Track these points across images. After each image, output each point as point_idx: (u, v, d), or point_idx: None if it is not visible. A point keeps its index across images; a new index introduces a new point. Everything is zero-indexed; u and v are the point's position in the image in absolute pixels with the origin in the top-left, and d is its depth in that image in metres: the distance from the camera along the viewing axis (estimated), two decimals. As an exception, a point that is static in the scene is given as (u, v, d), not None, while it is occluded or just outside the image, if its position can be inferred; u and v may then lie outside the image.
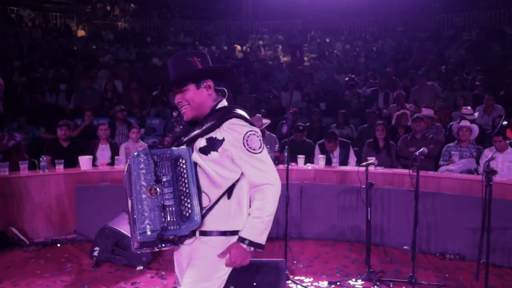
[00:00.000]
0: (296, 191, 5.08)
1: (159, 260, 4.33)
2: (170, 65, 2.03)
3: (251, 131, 1.87)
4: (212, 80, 1.99)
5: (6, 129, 6.45)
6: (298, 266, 4.16)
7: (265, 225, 1.85)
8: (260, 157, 1.87)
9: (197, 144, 1.90)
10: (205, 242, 1.88)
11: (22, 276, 3.88)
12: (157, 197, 1.82)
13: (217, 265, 1.89)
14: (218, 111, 1.95)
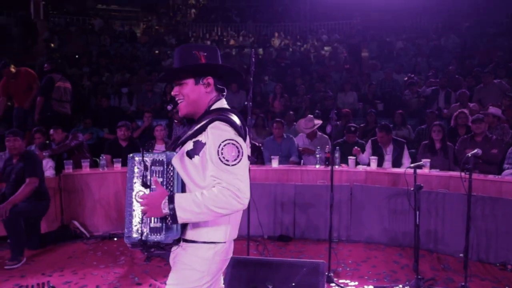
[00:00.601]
0: (346, 193, 5.00)
1: (207, 257, 4.44)
2: (175, 54, 1.93)
3: (229, 140, 1.72)
4: (214, 78, 1.90)
5: (73, 130, 6.91)
6: (344, 269, 4.09)
7: (199, 208, 1.66)
8: (231, 168, 1.69)
9: (186, 147, 1.82)
10: (188, 251, 1.82)
11: (81, 266, 4.16)
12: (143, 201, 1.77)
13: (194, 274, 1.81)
14: (211, 113, 1.84)
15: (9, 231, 4.32)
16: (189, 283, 1.82)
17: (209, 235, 1.82)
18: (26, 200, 4.38)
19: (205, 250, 1.82)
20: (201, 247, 1.82)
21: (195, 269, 1.81)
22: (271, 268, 3.01)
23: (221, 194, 1.66)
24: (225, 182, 1.67)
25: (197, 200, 1.67)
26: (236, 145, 1.73)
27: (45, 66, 7.09)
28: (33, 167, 4.47)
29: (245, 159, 1.75)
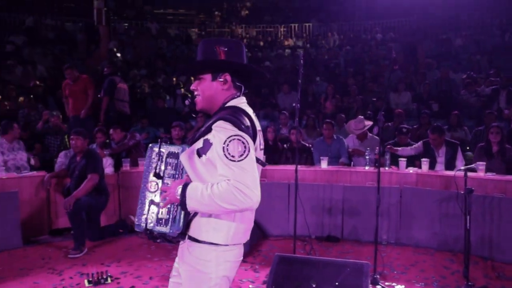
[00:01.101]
0: (395, 195, 4.94)
1: (254, 254, 4.57)
2: (198, 48, 1.90)
3: (234, 135, 1.66)
4: (232, 75, 1.84)
5: (131, 129, 7.29)
6: (391, 272, 4.06)
7: (202, 198, 1.64)
8: (237, 165, 1.64)
9: (197, 145, 1.78)
10: (190, 250, 1.80)
11: (136, 258, 4.42)
12: (153, 192, 1.82)
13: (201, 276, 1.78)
14: (224, 110, 1.80)
15: (73, 223, 4.68)
16: (193, 285, 1.79)
17: (209, 235, 1.77)
18: (87, 194, 4.72)
19: (206, 251, 1.77)
20: (203, 248, 1.78)
21: (200, 271, 1.77)
22: (315, 267, 3.06)
23: (228, 190, 1.61)
24: (232, 179, 1.62)
25: (204, 192, 1.64)
26: (242, 140, 1.66)
27: (105, 69, 7.55)
28: (94, 164, 4.80)
29: (252, 155, 1.68)
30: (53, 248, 4.84)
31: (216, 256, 1.78)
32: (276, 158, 6.25)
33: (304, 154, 6.23)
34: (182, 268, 1.85)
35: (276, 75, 11.96)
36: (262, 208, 5.15)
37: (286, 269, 3.08)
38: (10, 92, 9.07)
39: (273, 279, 3.02)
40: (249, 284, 3.80)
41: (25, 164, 5.79)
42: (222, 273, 1.79)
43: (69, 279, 3.92)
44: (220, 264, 1.78)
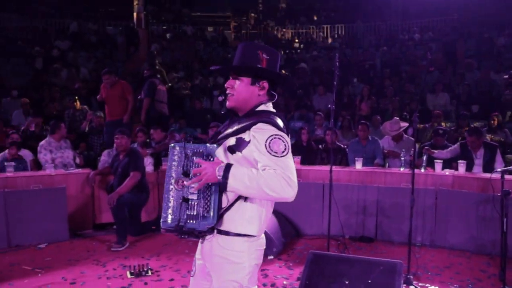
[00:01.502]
0: (430, 197, 4.91)
1: (289, 252, 4.67)
2: (239, 49, 2.01)
3: (275, 135, 1.81)
4: (269, 82, 1.96)
5: (170, 130, 7.55)
6: (425, 273, 4.06)
7: (250, 182, 1.73)
8: (281, 160, 1.77)
9: (228, 142, 1.91)
10: (221, 244, 1.90)
11: (175, 252, 4.61)
12: (182, 190, 1.88)
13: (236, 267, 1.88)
14: (254, 114, 1.92)
15: (115, 218, 4.93)
16: (233, 275, 1.89)
17: (243, 228, 1.88)
18: (129, 191, 4.96)
19: (240, 242, 1.88)
20: (235, 240, 1.88)
21: (233, 262, 1.88)
22: (348, 264, 3.13)
23: (275, 178, 1.73)
24: (279, 169, 1.75)
25: (251, 175, 1.75)
26: (282, 139, 1.81)
27: (145, 72, 7.84)
28: (136, 163, 5.04)
29: (291, 153, 1.82)
30: (97, 242, 5.11)
31: (249, 246, 1.90)
32: (311, 158, 6.32)
33: (339, 155, 6.27)
34: (212, 261, 1.95)
35: (312, 77, 12.00)
36: (296, 208, 5.29)
37: (319, 266, 3.16)
38: (55, 94, 9.56)
39: (307, 275, 3.11)
40: (283, 280, 3.90)
41: (71, 161, 6.11)
42: (254, 262, 1.92)
43: (112, 270, 4.15)
44: (252, 253, 1.91)
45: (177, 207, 1.88)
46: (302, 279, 3.12)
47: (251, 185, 1.74)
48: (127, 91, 6.99)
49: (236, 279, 1.89)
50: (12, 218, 4.86)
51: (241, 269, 1.89)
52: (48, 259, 4.50)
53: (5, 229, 4.82)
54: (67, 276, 4.03)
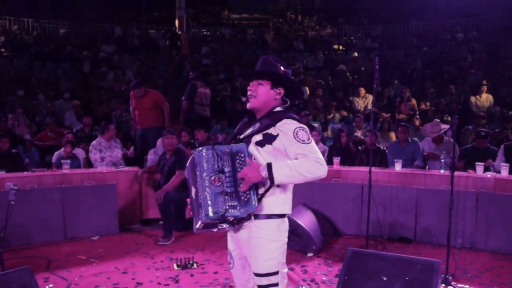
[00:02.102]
0: (471, 200, 4.90)
1: (328, 250, 4.79)
2: (261, 60, 2.37)
3: (299, 127, 2.18)
4: (284, 89, 2.32)
5: (212, 130, 7.81)
6: (464, 275, 4.08)
7: (290, 172, 2.08)
8: (308, 146, 2.15)
9: (254, 138, 2.24)
10: (260, 226, 2.20)
11: (218, 247, 4.83)
12: (220, 185, 2.13)
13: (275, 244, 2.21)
14: (274, 113, 2.28)
15: (162, 214, 5.22)
16: (275, 252, 2.21)
17: (279, 209, 2.22)
18: (175, 189, 5.22)
19: (277, 223, 2.22)
20: (274, 221, 2.21)
21: (275, 240, 2.21)
22: (386, 262, 3.22)
23: (308, 162, 2.10)
24: (311, 154, 2.11)
25: (290, 165, 2.10)
26: (305, 130, 2.19)
27: (190, 74, 8.14)
28: (182, 162, 5.30)
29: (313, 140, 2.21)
30: (145, 236, 5.41)
31: (283, 226, 2.26)
32: (350, 160, 6.40)
33: (378, 156, 6.31)
34: (250, 244, 2.24)
35: (351, 78, 12.00)
36: (335, 207, 5.42)
37: (358, 263, 3.26)
38: (103, 96, 10.06)
39: (345, 271, 3.22)
40: (322, 277, 4.04)
41: (120, 160, 6.47)
42: (285, 240, 2.28)
43: (160, 262, 4.42)
44: (284, 232, 2.28)
45: (217, 200, 2.12)
46: (341, 274, 3.24)
47: (292, 173, 2.09)
48: (159, 101, 7.06)
49: (275, 257, 2.22)
50: (68, 212, 5.23)
51: (278, 247, 2.23)
52: (100, 250, 4.83)
53: (62, 222, 5.20)
54: (119, 266, 4.33)
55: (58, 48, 13.89)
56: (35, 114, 8.94)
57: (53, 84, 10.79)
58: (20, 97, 9.30)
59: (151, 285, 3.87)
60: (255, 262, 2.25)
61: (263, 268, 2.23)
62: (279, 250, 2.25)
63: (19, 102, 8.81)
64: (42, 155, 7.22)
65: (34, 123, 8.53)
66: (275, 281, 2.25)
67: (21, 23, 15.96)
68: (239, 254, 2.39)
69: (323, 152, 6.79)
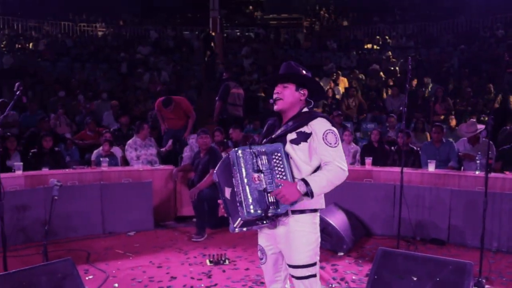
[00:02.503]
0: (508, 202, 4.78)
1: (358, 250, 4.80)
2: (283, 66, 2.52)
3: (330, 129, 2.34)
4: (308, 91, 2.45)
5: (244, 130, 7.92)
6: (499, 278, 4.01)
7: (325, 183, 2.26)
8: (334, 149, 2.31)
9: (288, 137, 2.36)
10: (297, 220, 2.33)
11: (250, 245, 4.90)
12: (259, 184, 2.24)
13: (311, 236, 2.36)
14: (305, 113, 2.43)
15: (196, 211, 5.37)
16: (312, 244, 2.37)
17: (314, 204, 2.37)
18: (209, 187, 5.35)
19: (312, 216, 2.37)
20: (308, 215, 2.35)
21: (311, 232, 2.36)
22: (416, 262, 3.22)
23: (335, 171, 2.29)
24: (334, 161, 2.29)
25: (322, 176, 2.28)
26: (334, 133, 2.35)
27: (224, 74, 8.29)
28: (215, 161, 5.41)
29: (341, 144, 2.36)
30: (178, 232, 5.58)
31: (317, 219, 2.42)
32: (383, 160, 6.36)
33: (411, 157, 6.25)
34: (288, 238, 2.35)
35: (385, 78, 11.86)
36: (367, 208, 5.43)
37: (388, 262, 3.28)
38: (139, 96, 10.36)
39: (375, 271, 3.25)
40: (352, 276, 4.06)
41: (155, 158, 6.67)
42: (319, 233, 2.42)
43: (193, 258, 4.56)
44: (318, 225, 2.43)
45: (257, 198, 2.22)
46: (371, 274, 3.26)
47: (326, 184, 2.29)
48: (187, 110, 7.26)
49: (313, 248, 2.38)
50: (106, 207, 5.45)
51: (315, 239, 2.39)
52: (136, 245, 5.02)
53: (100, 218, 5.43)
54: (154, 260, 4.50)
55: (96, 50, 14.39)
56: (75, 114, 9.31)
57: (92, 85, 11.19)
58: (61, 98, 9.71)
59: (185, 279, 4.00)
60: (295, 254, 2.36)
61: (304, 260, 2.36)
62: (316, 242, 2.40)
63: (60, 103, 9.20)
64: (82, 153, 7.55)
65: (74, 123, 8.89)
66: (314, 271, 2.39)
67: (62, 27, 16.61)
68: (273, 249, 2.49)
69: (356, 152, 6.78)
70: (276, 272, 2.56)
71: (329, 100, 10.11)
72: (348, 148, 6.80)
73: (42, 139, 6.24)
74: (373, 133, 6.59)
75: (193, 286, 3.85)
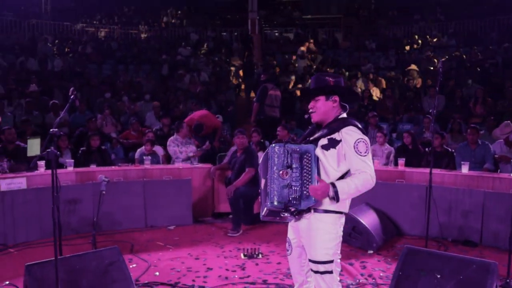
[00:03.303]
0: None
1: (388, 249, 4.92)
2: (311, 80, 2.73)
3: (361, 138, 2.50)
4: (339, 96, 2.62)
5: (280, 130, 8.12)
6: (530, 280, 4.02)
7: (349, 190, 2.43)
8: (364, 158, 2.47)
9: (320, 142, 2.56)
10: (319, 219, 2.53)
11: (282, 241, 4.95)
12: (286, 179, 2.46)
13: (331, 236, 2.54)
14: (339, 120, 2.59)
15: (232, 208, 5.64)
16: (331, 243, 2.54)
17: (339, 206, 2.54)
18: (245, 185, 5.61)
19: (336, 218, 2.56)
20: (331, 216, 2.54)
21: (331, 233, 2.54)
22: (441, 260, 3.33)
23: (363, 179, 2.45)
24: (363, 170, 2.45)
25: (349, 183, 2.45)
26: (365, 142, 2.50)
27: (262, 76, 8.54)
28: (251, 160, 5.69)
29: (370, 153, 2.53)
30: (215, 228, 5.87)
31: (340, 221, 2.60)
32: (417, 161, 6.39)
33: (445, 158, 6.26)
34: (310, 234, 2.56)
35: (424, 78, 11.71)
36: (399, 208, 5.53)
37: (413, 260, 3.40)
38: (180, 97, 10.76)
39: (400, 266, 3.39)
40: (380, 273, 4.20)
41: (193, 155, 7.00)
42: (340, 233, 2.60)
43: (229, 252, 4.84)
44: (341, 226, 2.61)
45: (282, 192, 2.46)
46: (396, 269, 3.40)
47: (353, 192, 2.47)
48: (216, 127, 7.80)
49: (330, 247, 2.54)
50: (149, 203, 5.82)
51: (333, 239, 2.55)
52: (176, 238, 5.35)
53: (143, 212, 5.81)
54: (192, 253, 4.81)
55: (139, 52, 14.97)
56: (120, 115, 9.82)
57: (136, 87, 11.71)
58: (107, 99, 10.26)
59: (220, 270, 4.27)
60: (313, 250, 2.57)
61: (320, 256, 2.54)
62: (334, 242, 2.56)
63: (106, 104, 9.73)
64: (126, 152, 8.00)
65: (119, 123, 9.38)
66: (330, 269, 2.55)
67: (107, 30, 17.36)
68: (297, 242, 2.72)
69: (389, 153, 6.84)
70: (301, 265, 2.78)
71: (365, 101, 10.15)
72: (381, 149, 6.88)
73: (90, 138, 6.71)
74: (404, 136, 6.65)
75: (228, 277, 4.11)
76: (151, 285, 3.91)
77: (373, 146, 7.04)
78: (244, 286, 3.89)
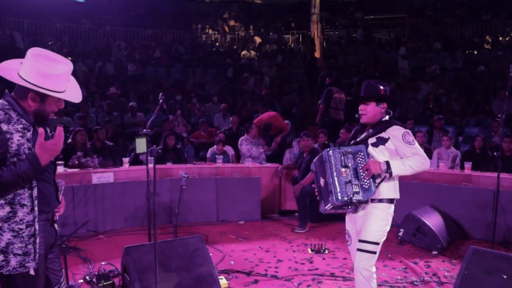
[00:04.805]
0: None
1: (453, 250, 5.01)
2: (363, 86, 3.09)
3: (406, 132, 2.94)
4: (387, 103, 3.01)
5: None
6: None
7: (403, 167, 2.84)
8: (413, 146, 2.88)
9: (369, 141, 2.98)
10: (374, 206, 2.93)
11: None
12: (346, 176, 2.85)
13: (383, 222, 2.93)
14: (383, 122, 3.01)
15: (298, 206, 5.95)
16: (382, 228, 2.95)
17: (390, 194, 2.96)
18: (311, 184, 5.89)
19: (388, 206, 2.96)
20: (384, 205, 2.94)
21: (383, 219, 2.95)
22: (508, 261, 3.43)
23: (418, 159, 2.86)
24: (416, 153, 2.86)
25: (402, 162, 2.87)
26: (409, 133, 2.95)
27: (327, 80, 8.77)
28: (316, 161, 5.96)
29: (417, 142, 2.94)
30: (282, 224, 6.22)
31: (391, 209, 2.99)
32: (484, 165, 6.36)
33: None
34: (365, 219, 2.96)
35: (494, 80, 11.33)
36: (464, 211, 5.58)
37: (479, 260, 3.53)
38: (246, 100, 11.21)
39: (465, 266, 3.53)
40: (445, 272, 4.33)
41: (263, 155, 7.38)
42: (390, 221, 2.99)
43: (296, 246, 5.17)
44: (391, 215, 2.99)
45: (344, 188, 2.85)
46: (461, 269, 3.54)
47: (405, 168, 2.86)
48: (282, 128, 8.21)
49: (380, 230, 2.96)
50: (221, 199, 6.28)
51: (385, 225, 2.97)
52: (246, 232, 5.75)
53: (215, 207, 6.27)
54: (262, 245, 5.18)
55: (205, 56, 15.64)
56: (190, 116, 10.43)
57: (203, 89, 12.31)
58: (178, 101, 10.92)
59: (290, 263, 4.60)
60: (365, 230, 2.96)
61: (371, 237, 2.94)
62: (385, 227, 2.97)
63: (178, 105, 10.38)
64: (196, 151, 8.55)
65: (190, 123, 9.99)
66: (375, 250, 2.95)
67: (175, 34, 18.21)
68: (355, 232, 3.10)
69: (455, 156, 6.84)
70: None
71: (430, 104, 10.04)
72: (447, 152, 6.88)
73: (166, 138, 7.28)
74: (476, 139, 6.61)
75: (297, 268, 4.44)
76: (228, 272, 4.31)
77: (439, 149, 7.05)
78: (313, 277, 4.18)
